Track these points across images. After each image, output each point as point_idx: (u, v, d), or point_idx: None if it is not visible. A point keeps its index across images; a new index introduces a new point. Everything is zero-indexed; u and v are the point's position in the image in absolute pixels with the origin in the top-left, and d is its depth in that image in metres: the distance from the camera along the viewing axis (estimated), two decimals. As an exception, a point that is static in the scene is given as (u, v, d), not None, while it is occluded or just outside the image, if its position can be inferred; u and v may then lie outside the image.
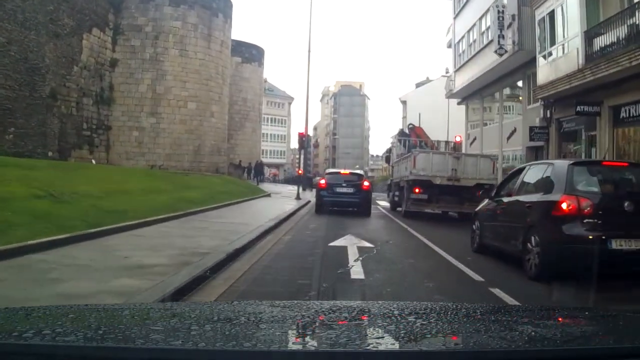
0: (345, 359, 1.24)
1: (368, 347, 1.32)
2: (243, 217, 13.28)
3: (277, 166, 76.00)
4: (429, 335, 1.47)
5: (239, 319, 1.57)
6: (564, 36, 15.96)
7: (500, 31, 18.80)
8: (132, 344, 1.26)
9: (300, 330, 1.56)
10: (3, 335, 1.32)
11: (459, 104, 29.90)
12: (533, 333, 1.50)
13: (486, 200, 9.31)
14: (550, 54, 16.89)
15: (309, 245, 9.55)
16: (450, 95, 28.35)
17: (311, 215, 16.33)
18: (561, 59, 15.97)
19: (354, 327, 1.57)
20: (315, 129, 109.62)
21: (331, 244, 9.33)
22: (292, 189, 29.49)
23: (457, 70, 27.05)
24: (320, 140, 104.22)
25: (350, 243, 9.50)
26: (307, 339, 1.48)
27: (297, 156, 25.68)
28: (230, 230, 10.40)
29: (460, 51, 26.57)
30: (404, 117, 68.95)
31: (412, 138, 20.28)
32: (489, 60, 21.68)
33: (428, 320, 1.64)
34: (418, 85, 69.35)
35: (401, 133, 20.67)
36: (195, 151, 30.04)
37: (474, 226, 9.38)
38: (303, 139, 23.26)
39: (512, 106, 24.72)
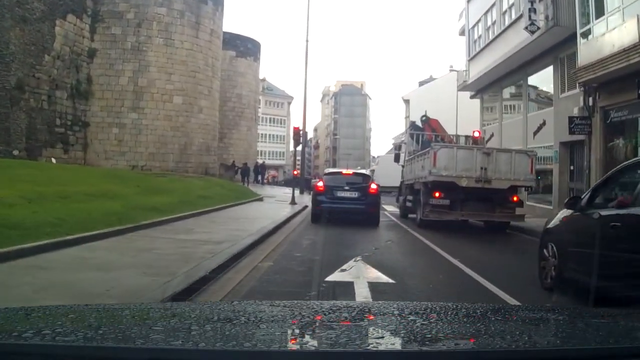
0: (345, 359, 1.21)
1: (368, 347, 1.30)
2: (216, 231, 10.00)
3: (277, 168, 72.75)
4: (429, 335, 1.42)
5: (239, 319, 1.53)
6: (617, 3, 12.73)
7: (532, 4, 15.54)
8: (132, 344, 1.23)
9: (300, 330, 1.52)
10: (3, 335, 1.29)
11: (472, 97, 26.63)
12: (533, 333, 1.50)
13: (566, 211, 5.98)
14: (595, 27, 13.65)
15: (297, 279, 6.26)
16: (463, 87, 25.07)
17: (306, 226, 13.04)
18: (613, 31, 12.71)
19: (354, 327, 1.54)
20: (315, 129, 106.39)
21: (329, 278, 6.02)
22: (289, 191, 26.18)
23: (471, 59, 23.80)
24: (321, 141, 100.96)
25: (357, 275, 6.24)
26: (307, 339, 1.44)
27: (295, 155, 22.12)
28: (184, 253, 7.14)
29: (476, 37, 23.35)
30: (407, 117, 65.86)
31: (426, 132, 16.96)
32: (511, 43, 18.45)
33: (428, 320, 1.60)
34: (421, 83, 66.35)
35: (413, 126, 17.27)
36: (182, 150, 26.80)
37: (545, 251, 6.08)
38: (299, 134, 19.77)
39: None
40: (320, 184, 13.86)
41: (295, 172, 21.97)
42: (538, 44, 16.89)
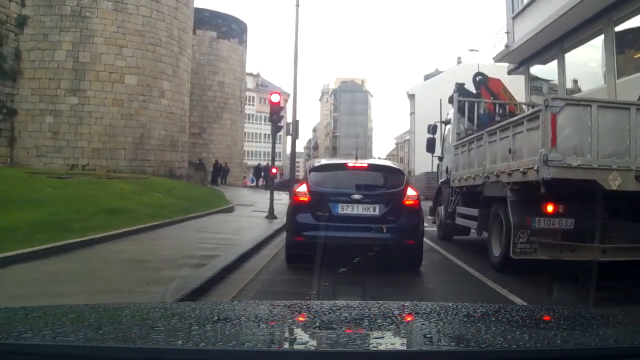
0: (345, 358, 1.17)
1: (368, 347, 1.27)
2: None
3: (273, 169, 66.03)
4: (429, 335, 1.40)
5: (239, 319, 1.51)
6: None
7: None
8: (132, 344, 1.20)
9: (300, 330, 1.49)
10: (3, 335, 1.25)
11: (510, 72, 19.85)
12: (533, 333, 1.46)
13: None
14: None
15: None
16: (504, 56, 18.29)
17: (274, 274, 6.20)
18: None
19: (354, 327, 1.48)
20: (314, 130, 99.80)
21: None
22: (278, 198, 19.31)
23: (516, 16, 17.13)
24: (320, 141, 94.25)
25: None
26: (307, 339, 1.39)
27: (274, 144, 15.08)
28: None
29: (524, -16, 16.67)
30: (412, 113, 59.29)
31: (484, 100, 10.08)
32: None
33: (428, 320, 1.57)
34: (427, 77, 59.82)
35: (461, 91, 10.23)
36: (137, 145, 20.12)
37: None
38: (279, 113, 12.62)
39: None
40: (303, 189, 6.61)
41: (273, 170, 15.04)
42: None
